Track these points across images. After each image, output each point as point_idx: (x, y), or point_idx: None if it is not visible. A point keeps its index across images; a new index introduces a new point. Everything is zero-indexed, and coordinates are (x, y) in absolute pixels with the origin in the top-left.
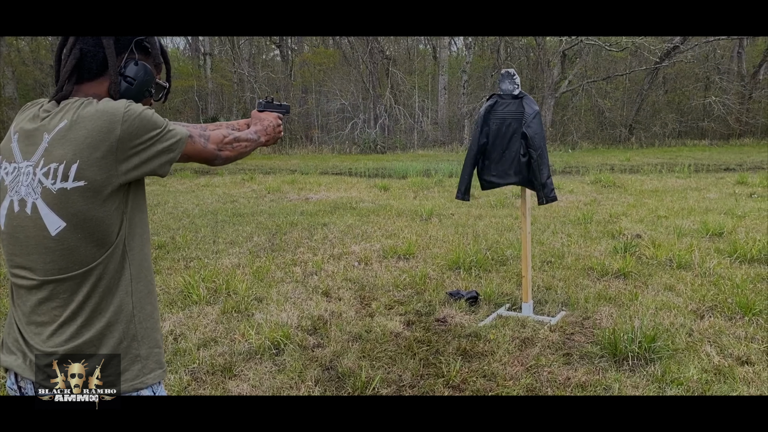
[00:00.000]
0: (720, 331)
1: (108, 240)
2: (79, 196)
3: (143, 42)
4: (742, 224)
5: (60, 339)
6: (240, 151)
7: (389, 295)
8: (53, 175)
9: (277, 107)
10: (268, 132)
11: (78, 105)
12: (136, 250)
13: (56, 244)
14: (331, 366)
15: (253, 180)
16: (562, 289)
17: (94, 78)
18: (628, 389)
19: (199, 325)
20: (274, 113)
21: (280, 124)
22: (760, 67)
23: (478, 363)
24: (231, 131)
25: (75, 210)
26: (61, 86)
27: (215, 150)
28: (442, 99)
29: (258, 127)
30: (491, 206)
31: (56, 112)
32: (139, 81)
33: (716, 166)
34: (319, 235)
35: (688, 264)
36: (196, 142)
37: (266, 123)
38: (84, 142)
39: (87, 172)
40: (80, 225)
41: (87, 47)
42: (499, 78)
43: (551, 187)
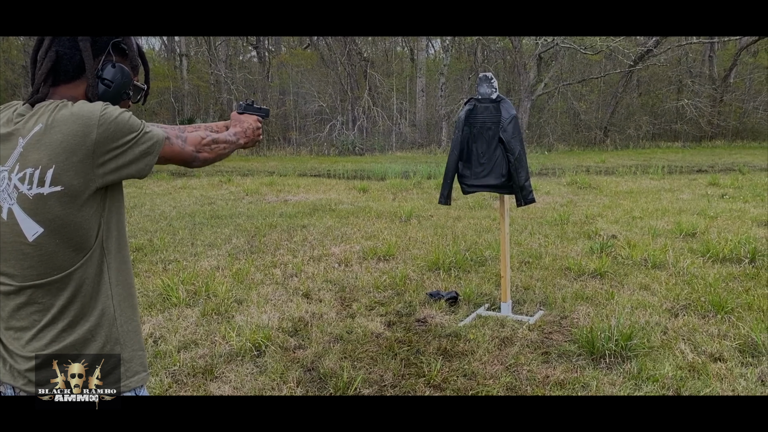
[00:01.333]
0: (694, 329)
1: (86, 244)
2: (56, 201)
3: (120, 44)
4: (714, 224)
5: (39, 344)
6: (218, 153)
7: (370, 296)
8: (29, 180)
9: (256, 110)
10: (247, 134)
11: (53, 108)
12: (114, 253)
13: (34, 249)
14: (313, 367)
15: (230, 182)
16: (540, 289)
17: (70, 80)
18: (605, 387)
19: (179, 327)
20: (253, 116)
21: (259, 127)
22: (730, 70)
23: (459, 362)
24: (209, 133)
25: (52, 215)
26: (36, 89)
27: (193, 152)
28: (420, 101)
29: (237, 129)
30: (470, 208)
31: (30, 115)
32: (116, 83)
33: (689, 167)
34: (298, 237)
35: (662, 264)
36: (174, 144)
37: (245, 125)
38: (60, 147)
39: (63, 176)
40: (58, 230)
41: (63, 49)
42: (477, 82)
43: (529, 189)
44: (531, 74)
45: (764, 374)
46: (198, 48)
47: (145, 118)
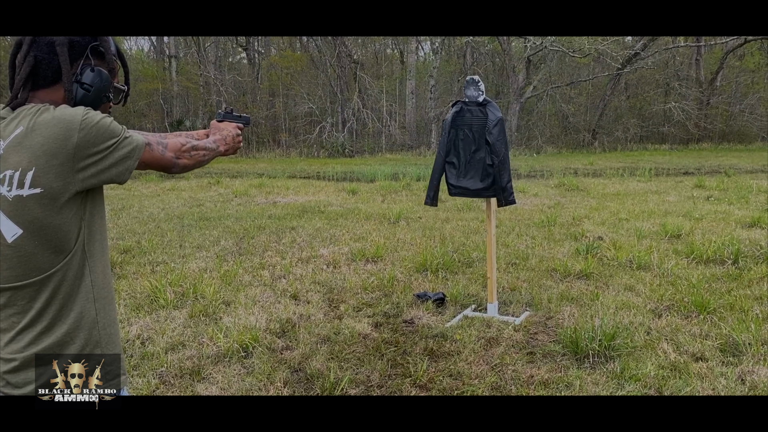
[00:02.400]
0: (676, 329)
1: (66, 247)
2: (35, 203)
3: (98, 47)
4: (699, 226)
5: (18, 345)
6: (198, 160)
7: (358, 297)
8: (9, 182)
9: (237, 118)
10: (227, 142)
11: (35, 111)
12: (97, 257)
13: (13, 251)
14: (300, 368)
15: (219, 184)
16: (526, 290)
17: (49, 85)
18: (588, 386)
19: (166, 329)
20: (233, 123)
21: (239, 134)
22: (717, 74)
23: (445, 362)
24: (189, 140)
25: (31, 217)
26: (15, 93)
27: (173, 158)
28: (409, 103)
29: (217, 137)
30: (458, 209)
31: (12, 118)
32: (96, 87)
33: (676, 170)
34: (287, 239)
35: (647, 265)
36: (154, 150)
37: (225, 133)
38: (40, 150)
39: (43, 179)
40: (37, 232)
41: (41, 54)
42: (464, 85)
43: (511, 191)
44: (520, 77)
45: (744, 373)
46: (187, 49)
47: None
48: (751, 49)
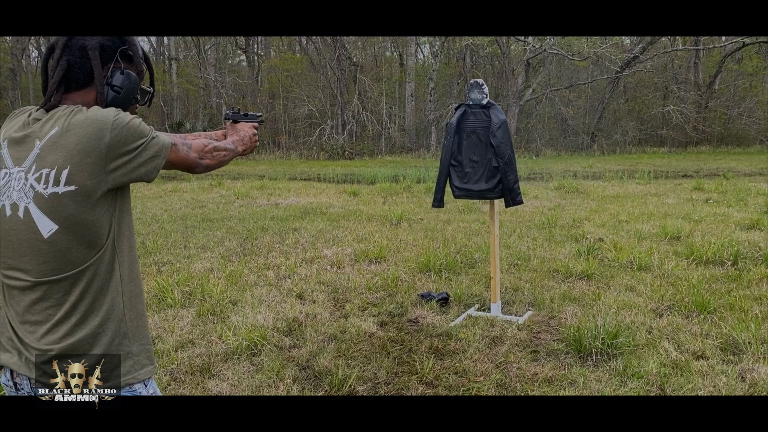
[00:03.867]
0: (677, 328)
1: (99, 242)
2: (70, 200)
3: (127, 50)
4: (698, 228)
5: (54, 337)
6: (219, 160)
7: (362, 297)
8: (45, 180)
9: (251, 117)
10: (245, 142)
11: (69, 113)
12: (125, 252)
13: (49, 246)
14: (308, 365)
15: (221, 185)
16: (529, 290)
17: (81, 87)
18: (592, 383)
19: (175, 327)
20: (249, 123)
21: (255, 134)
22: (715, 77)
23: (450, 360)
24: (211, 141)
25: (66, 213)
26: (49, 96)
27: (197, 158)
28: (409, 106)
29: (235, 138)
30: (459, 211)
31: (47, 119)
32: (125, 90)
33: (674, 172)
34: (290, 240)
35: (647, 266)
36: (180, 150)
37: (242, 133)
38: (75, 149)
39: (77, 177)
40: (72, 228)
41: (74, 58)
42: (467, 88)
43: (518, 191)
44: (519, 80)
45: (744, 371)
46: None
47: None
48: (749, 53)
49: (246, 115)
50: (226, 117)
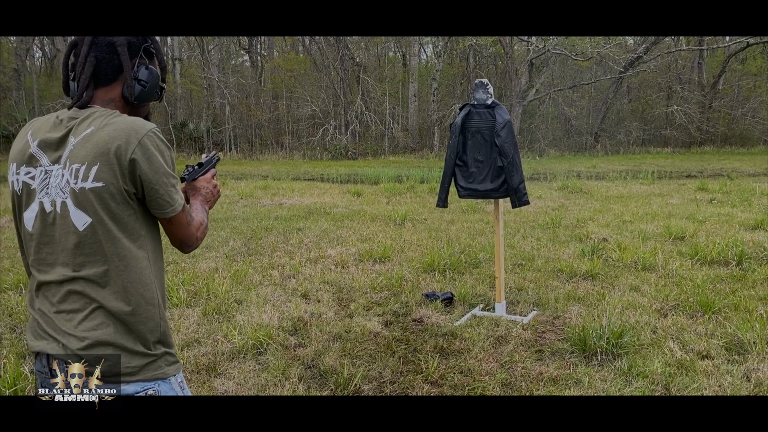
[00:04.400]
0: (682, 328)
1: (131, 237)
2: (97, 195)
3: (150, 47)
4: (702, 228)
5: (91, 323)
6: (204, 234)
7: (367, 296)
8: (76, 175)
9: (206, 166)
10: (208, 199)
11: (108, 114)
12: (153, 249)
13: (84, 239)
14: (314, 364)
15: (224, 185)
16: (533, 290)
17: (109, 83)
18: (597, 382)
19: (181, 326)
20: (206, 175)
21: (216, 185)
22: (719, 77)
23: (455, 360)
24: (204, 216)
25: (97, 207)
26: (81, 93)
27: (195, 232)
28: (412, 106)
29: (199, 200)
30: (463, 211)
31: (84, 118)
32: (150, 84)
33: (678, 173)
34: (294, 240)
35: (652, 266)
36: (185, 215)
37: (204, 192)
38: (104, 147)
39: (104, 174)
40: (103, 222)
41: (102, 54)
42: (473, 87)
43: (524, 191)
44: (522, 80)
45: (749, 371)
46: (191, 52)
47: None
48: (753, 53)
49: (201, 165)
50: (182, 179)
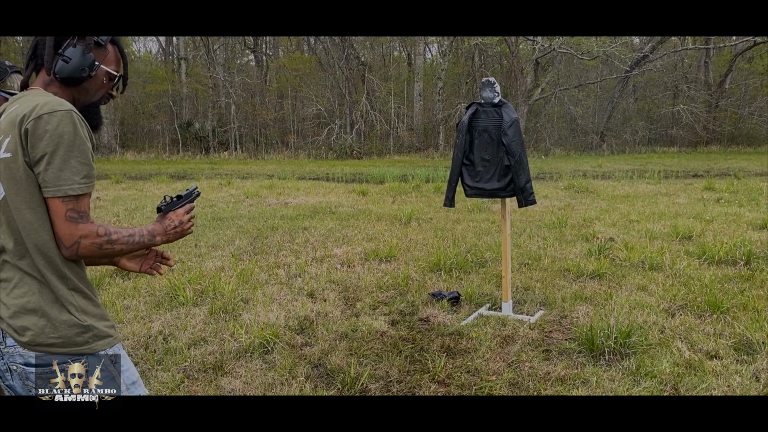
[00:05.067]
0: (690, 327)
1: (35, 210)
2: (7, 165)
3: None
4: (710, 228)
5: (19, 291)
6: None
7: (373, 296)
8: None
9: (186, 197)
10: (167, 232)
11: (38, 94)
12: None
13: (3, 209)
14: (320, 363)
15: (230, 185)
16: (540, 290)
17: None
18: (605, 382)
19: (187, 325)
20: (182, 209)
21: (183, 222)
22: (726, 76)
23: (462, 359)
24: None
25: (7, 177)
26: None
27: (78, 234)
28: (417, 105)
29: (155, 227)
30: (468, 211)
31: (16, 98)
32: (75, 61)
33: (685, 172)
34: (300, 239)
35: (659, 266)
36: (66, 206)
37: (167, 223)
38: (15, 119)
39: (11, 145)
40: (11, 192)
41: (41, 38)
42: (480, 86)
43: (530, 191)
44: (528, 79)
45: (759, 371)
46: (196, 52)
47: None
48: (760, 52)
49: (180, 198)
50: (158, 209)
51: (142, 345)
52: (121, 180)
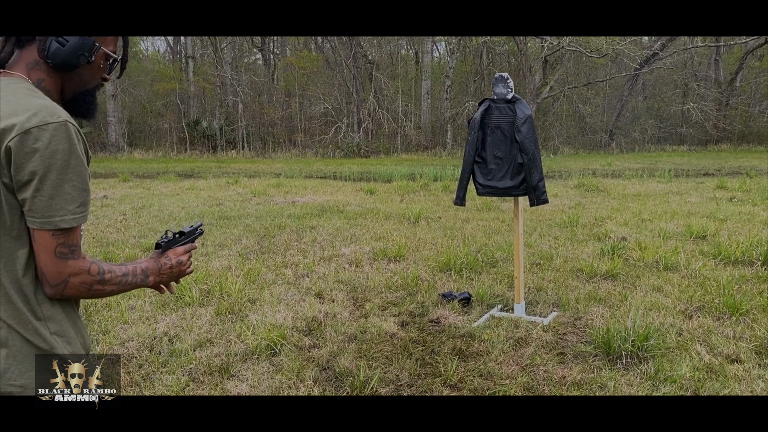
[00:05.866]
0: (709, 330)
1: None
2: None
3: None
4: (724, 227)
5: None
6: (90, 295)
7: (382, 296)
8: None
9: (189, 235)
10: (162, 272)
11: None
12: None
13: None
14: (329, 366)
15: (237, 183)
16: (553, 291)
17: (33, 40)
18: (623, 387)
19: (193, 326)
20: (183, 247)
21: (182, 262)
22: (736, 74)
23: (474, 362)
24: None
25: None
26: (1, 47)
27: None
28: (425, 104)
29: (149, 266)
30: (478, 209)
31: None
32: (72, 44)
33: (695, 171)
34: (308, 238)
35: (674, 266)
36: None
37: (162, 261)
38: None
39: None
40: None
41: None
42: (492, 82)
43: (543, 190)
44: (536, 77)
45: None
46: (204, 50)
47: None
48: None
49: (182, 235)
50: (157, 245)
51: (146, 346)
52: (128, 178)
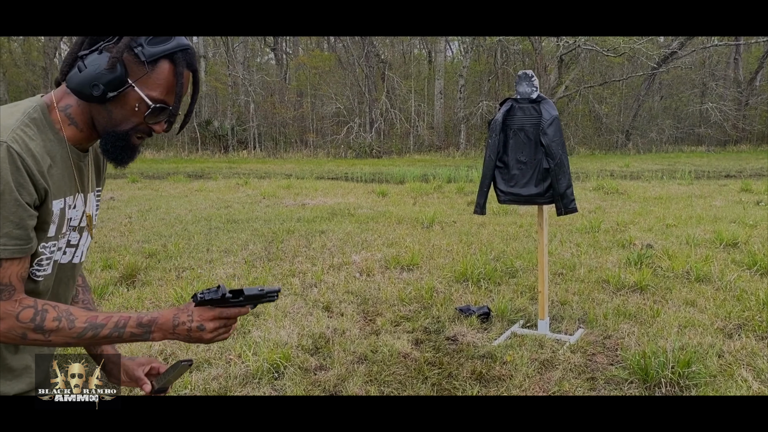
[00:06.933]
0: (753, 352)
1: None
2: None
3: (134, 47)
4: (755, 234)
5: None
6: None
7: (394, 309)
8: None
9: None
10: (176, 330)
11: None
12: None
13: None
14: (336, 391)
15: (247, 185)
16: (578, 304)
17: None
18: None
19: (191, 344)
20: (213, 312)
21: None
22: (756, 73)
23: (496, 388)
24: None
25: None
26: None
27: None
28: (438, 103)
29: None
30: (494, 214)
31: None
32: (89, 71)
33: (716, 172)
34: (317, 244)
35: (707, 277)
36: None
37: (183, 318)
38: None
39: None
40: None
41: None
42: (515, 80)
43: (571, 197)
44: (552, 76)
45: None
46: (216, 50)
47: None
48: None
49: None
50: (194, 296)
51: None
52: (137, 179)
